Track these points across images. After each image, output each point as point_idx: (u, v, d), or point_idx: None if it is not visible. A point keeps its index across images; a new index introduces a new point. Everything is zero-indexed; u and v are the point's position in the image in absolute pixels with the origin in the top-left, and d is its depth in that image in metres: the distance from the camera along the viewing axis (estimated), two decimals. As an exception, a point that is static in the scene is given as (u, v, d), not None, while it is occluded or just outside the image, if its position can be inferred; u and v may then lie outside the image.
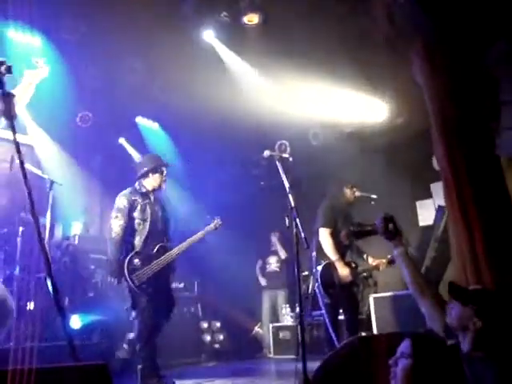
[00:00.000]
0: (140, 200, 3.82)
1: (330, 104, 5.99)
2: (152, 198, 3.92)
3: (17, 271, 4.82)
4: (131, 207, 3.76)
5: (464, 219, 2.50)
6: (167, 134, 7.39)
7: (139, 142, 7.43)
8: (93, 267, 5.78)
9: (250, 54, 5.35)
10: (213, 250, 7.09)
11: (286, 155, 3.36)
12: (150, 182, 3.91)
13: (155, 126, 7.36)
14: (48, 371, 1.13)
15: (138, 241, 3.74)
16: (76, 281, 5.60)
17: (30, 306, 4.90)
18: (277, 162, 3.29)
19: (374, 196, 4.46)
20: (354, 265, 4.36)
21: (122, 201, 3.79)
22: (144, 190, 3.89)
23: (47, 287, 1.88)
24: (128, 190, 3.88)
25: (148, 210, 3.81)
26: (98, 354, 4.38)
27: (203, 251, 6.46)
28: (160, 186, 3.95)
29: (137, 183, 3.93)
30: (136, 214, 3.77)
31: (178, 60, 5.16)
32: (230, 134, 6.38)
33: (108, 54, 5.35)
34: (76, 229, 6.47)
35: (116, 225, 3.71)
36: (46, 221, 4.83)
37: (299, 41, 5.04)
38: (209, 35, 5.12)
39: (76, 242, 6.02)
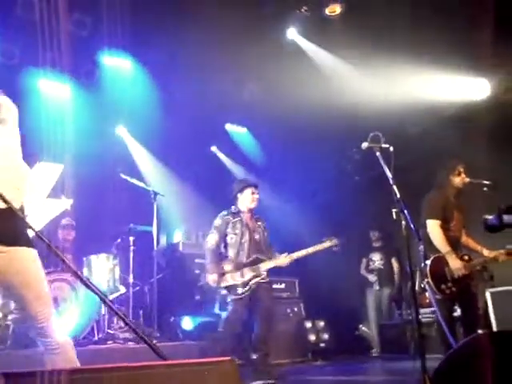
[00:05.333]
0: (232, 218, 4.34)
1: (425, 87, 5.61)
2: (244, 216, 4.36)
3: (130, 278, 5.20)
4: (226, 225, 4.32)
5: None
6: (257, 139, 7.50)
7: (231, 148, 7.65)
8: (197, 271, 6.02)
9: (336, 46, 5.23)
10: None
11: (385, 145, 3.20)
12: (242, 203, 4.37)
13: (244, 130, 7.51)
14: (175, 366, 1.17)
15: (231, 252, 4.27)
16: (184, 285, 5.90)
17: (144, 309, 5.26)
18: (377, 154, 3.16)
19: (487, 182, 4.02)
20: (467, 257, 4.02)
21: (217, 220, 4.37)
22: (236, 211, 4.38)
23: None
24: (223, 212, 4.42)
25: (238, 226, 4.31)
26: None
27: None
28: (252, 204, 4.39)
29: (233, 206, 4.42)
30: (229, 230, 4.30)
31: (264, 62, 5.20)
32: (320, 131, 6.25)
33: (195, 67, 5.56)
34: (178, 236, 6.79)
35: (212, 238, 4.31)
36: (153, 230, 5.16)
37: (385, 26, 4.81)
38: (292, 33, 5.10)
39: (180, 248, 6.33)
